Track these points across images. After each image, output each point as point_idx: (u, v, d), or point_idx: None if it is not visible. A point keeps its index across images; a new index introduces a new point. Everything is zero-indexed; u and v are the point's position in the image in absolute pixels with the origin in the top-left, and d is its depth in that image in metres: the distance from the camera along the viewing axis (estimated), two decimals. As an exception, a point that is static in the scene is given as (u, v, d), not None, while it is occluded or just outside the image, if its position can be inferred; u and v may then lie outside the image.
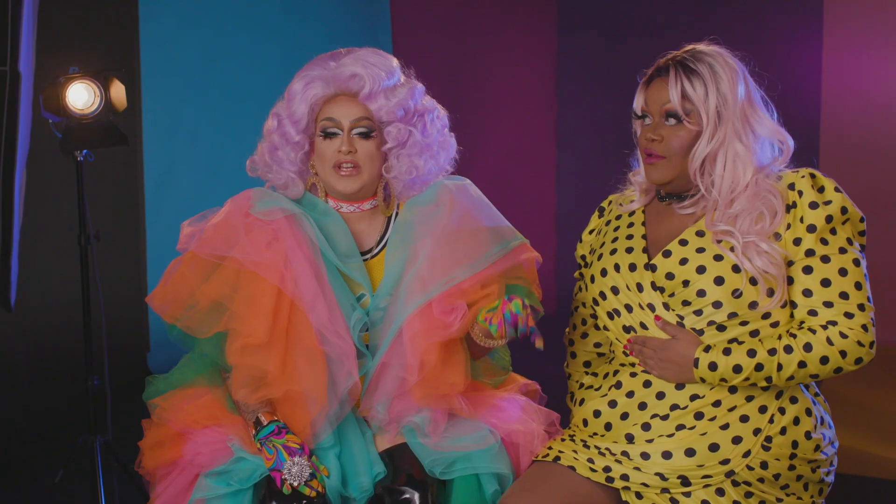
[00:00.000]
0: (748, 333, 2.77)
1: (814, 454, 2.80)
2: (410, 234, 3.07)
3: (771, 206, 2.77)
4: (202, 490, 2.86)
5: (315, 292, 2.93)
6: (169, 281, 2.99)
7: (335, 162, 3.03)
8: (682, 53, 2.86)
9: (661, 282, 2.83)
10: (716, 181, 2.81)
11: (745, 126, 2.80)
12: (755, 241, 2.75)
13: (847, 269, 2.75)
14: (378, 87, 3.02)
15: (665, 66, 2.85)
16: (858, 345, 2.72)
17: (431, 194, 3.12)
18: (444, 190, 3.11)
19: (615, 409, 2.88)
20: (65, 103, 4.17)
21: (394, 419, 2.95)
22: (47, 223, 5.76)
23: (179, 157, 6.65)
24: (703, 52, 2.84)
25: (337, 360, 2.91)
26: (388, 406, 2.94)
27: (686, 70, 2.81)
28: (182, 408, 2.97)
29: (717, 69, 2.80)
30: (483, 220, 3.07)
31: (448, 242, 3.00)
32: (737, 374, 2.75)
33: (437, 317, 2.91)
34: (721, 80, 2.79)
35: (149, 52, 6.47)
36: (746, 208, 2.78)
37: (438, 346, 2.90)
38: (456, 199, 3.09)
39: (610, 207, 3.15)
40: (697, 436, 2.77)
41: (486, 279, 2.98)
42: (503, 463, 2.92)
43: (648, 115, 2.86)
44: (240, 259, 2.93)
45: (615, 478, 2.80)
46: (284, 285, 2.91)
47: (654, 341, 2.85)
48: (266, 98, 3.20)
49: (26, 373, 5.82)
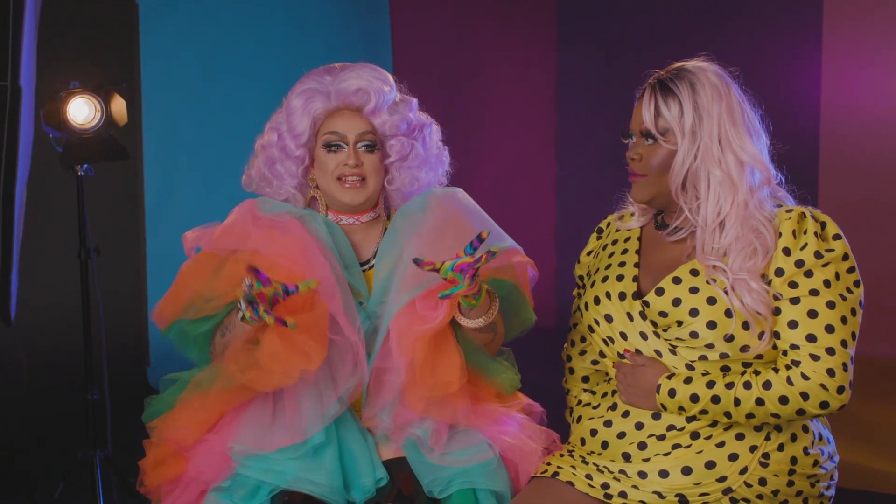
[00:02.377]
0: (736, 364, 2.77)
1: (812, 469, 2.79)
2: (400, 242, 3.07)
3: (763, 240, 2.74)
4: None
5: (332, 282, 2.93)
6: (179, 282, 2.98)
7: (339, 174, 3.04)
8: (665, 72, 2.85)
9: (653, 317, 2.82)
10: (701, 204, 2.79)
11: (726, 146, 2.76)
12: (746, 279, 2.72)
13: (817, 311, 2.69)
14: (382, 101, 3.04)
15: (646, 86, 2.85)
16: (822, 388, 2.66)
17: (419, 201, 3.13)
18: (432, 196, 3.13)
19: (611, 428, 2.88)
20: (65, 118, 4.18)
21: (398, 427, 2.94)
22: (47, 237, 5.77)
23: (179, 171, 6.66)
24: (686, 69, 2.82)
25: (342, 352, 2.90)
26: (391, 414, 2.93)
27: (663, 89, 2.79)
28: (177, 424, 2.95)
29: (697, 87, 2.77)
30: (472, 222, 3.07)
31: (433, 240, 2.99)
32: (694, 403, 2.74)
33: (420, 313, 2.90)
34: (700, 97, 2.77)
35: (149, 67, 6.49)
36: (738, 237, 2.75)
37: (425, 342, 2.88)
38: (444, 202, 3.10)
39: (608, 230, 3.14)
40: (693, 454, 2.77)
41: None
42: (501, 480, 2.91)
43: (633, 135, 2.87)
44: (252, 249, 2.92)
45: (613, 495, 2.80)
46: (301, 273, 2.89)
47: (625, 367, 2.86)
48: (265, 113, 3.21)
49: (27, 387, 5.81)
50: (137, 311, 6.37)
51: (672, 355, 2.80)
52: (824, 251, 2.72)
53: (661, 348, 2.82)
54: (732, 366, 2.76)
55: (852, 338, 2.72)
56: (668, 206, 2.89)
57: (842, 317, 2.70)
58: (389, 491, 2.94)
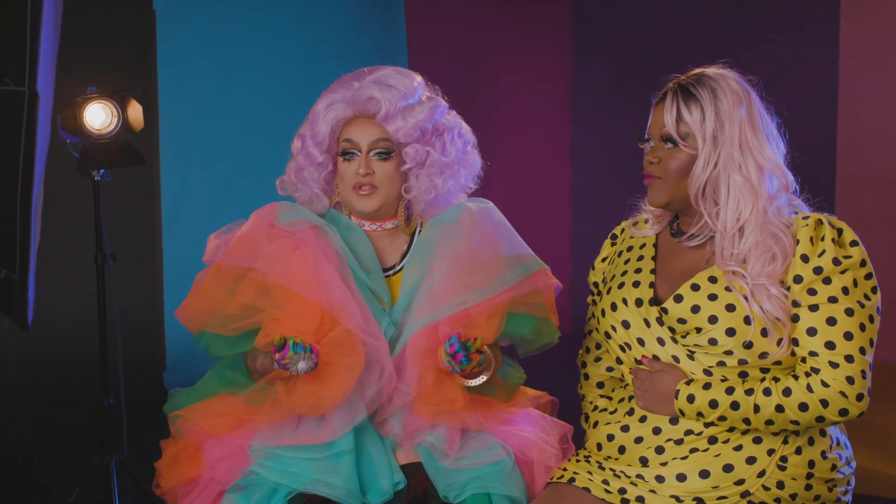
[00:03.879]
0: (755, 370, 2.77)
1: (831, 473, 2.79)
2: (430, 252, 3.08)
3: (783, 246, 2.74)
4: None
5: (345, 295, 2.93)
6: (196, 293, 3.01)
7: (354, 183, 3.05)
8: (686, 77, 2.85)
9: (671, 323, 2.82)
10: (721, 210, 2.79)
11: (747, 152, 2.77)
12: (766, 284, 2.72)
13: (836, 318, 2.69)
14: (394, 109, 3.03)
15: (667, 90, 2.85)
16: (842, 395, 2.67)
17: (454, 214, 3.14)
18: (467, 211, 3.13)
19: (628, 433, 2.88)
20: (82, 123, 4.19)
21: (408, 434, 2.96)
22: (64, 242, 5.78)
23: (195, 176, 6.67)
24: (707, 75, 2.83)
25: (370, 360, 2.91)
26: (401, 421, 2.94)
27: (685, 94, 2.80)
28: (202, 418, 2.97)
29: (718, 93, 2.78)
30: (503, 244, 3.09)
31: (465, 264, 3.02)
32: (713, 409, 2.74)
33: (440, 339, 2.93)
34: (721, 103, 2.77)
35: (166, 72, 6.50)
36: (758, 243, 2.75)
37: (435, 367, 2.92)
38: (477, 221, 3.11)
39: (623, 236, 3.14)
40: (711, 458, 2.77)
41: (496, 306, 2.99)
42: (517, 485, 2.92)
43: (651, 139, 2.87)
44: (263, 270, 2.94)
45: (630, 500, 2.80)
46: (311, 293, 2.91)
47: (643, 372, 2.87)
48: (281, 118, 3.23)
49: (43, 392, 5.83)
50: (154, 316, 6.38)
51: (690, 361, 2.80)
52: (842, 258, 2.72)
53: (678, 354, 2.82)
54: (750, 371, 2.75)
55: (870, 345, 2.72)
56: (683, 209, 2.89)
57: (860, 324, 2.70)
58: (405, 495, 2.94)
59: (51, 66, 4.87)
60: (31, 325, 5.18)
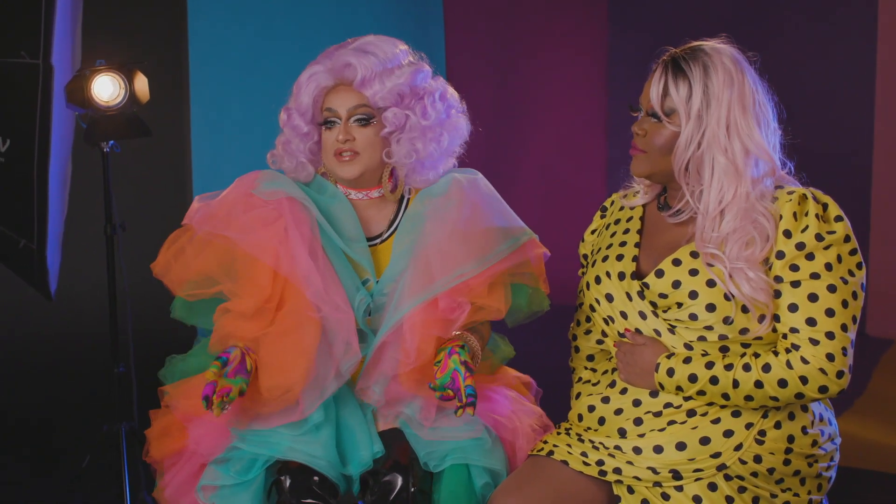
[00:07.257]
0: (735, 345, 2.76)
1: (811, 449, 2.77)
2: (420, 225, 3.08)
3: (763, 231, 2.70)
4: (209, 478, 2.90)
5: (309, 266, 2.94)
6: (169, 252, 3.06)
7: (335, 150, 3.05)
8: (680, 50, 2.79)
9: (652, 298, 2.81)
10: (704, 190, 2.75)
11: (734, 134, 2.71)
12: (743, 268, 2.69)
13: (818, 294, 2.67)
14: (370, 73, 3.01)
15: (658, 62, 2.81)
16: (821, 372, 2.65)
17: (443, 186, 3.13)
18: (456, 184, 3.12)
19: (608, 404, 2.88)
20: (90, 95, 4.24)
21: (388, 401, 2.98)
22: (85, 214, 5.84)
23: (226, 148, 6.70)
24: (702, 49, 2.77)
25: (333, 330, 2.92)
26: (384, 388, 2.95)
27: (675, 68, 2.75)
28: (185, 398, 3.01)
29: (710, 70, 2.72)
30: (493, 215, 3.09)
31: (457, 238, 3.02)
32: (692, 383, 2.73)
33: (441, 311, 2.94)
34: (711, 81, 2.71)
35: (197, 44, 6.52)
36: (737, 229, 2.71)
37: (436, 338, 2.93)
38: (466, 192, 3.10)
39: (612, 208, 3.13)
40: (689, 430, 2.76)
41: (494, 276, 3.00)
42: (497, 458, 2.94)
43: (641, 110, 2.85)
44: (233, 238, 2.97)
45: (608, 471, 2.80)
46: (278, 264, 2.93)
47: (625, 345, 2.86)
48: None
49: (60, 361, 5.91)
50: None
51: (671, 335, 2.79)
52: (825, 233, 2.69)
53: (660, 328, 2.81)
54: (732, 346, 2.74)
55: (853, 322, 2.69)
56: (668, 183, 2.87)
57: (842, 300, 2.67)
58: (385, 460, 2.96)
59: (68, 40, 4.93)
60: (54, 296, 5.27)
